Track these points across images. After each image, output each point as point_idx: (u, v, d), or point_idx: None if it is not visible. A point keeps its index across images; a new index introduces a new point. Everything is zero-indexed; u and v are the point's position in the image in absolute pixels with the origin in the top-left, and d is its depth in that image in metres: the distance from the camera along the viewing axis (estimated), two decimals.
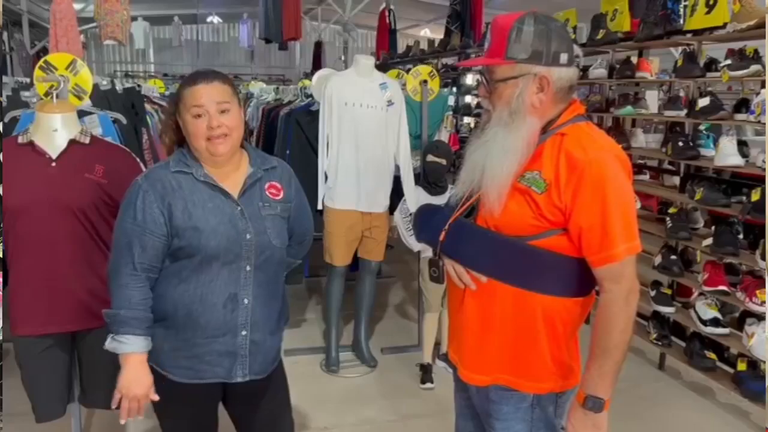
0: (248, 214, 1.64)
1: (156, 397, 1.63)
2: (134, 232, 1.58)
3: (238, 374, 1.67)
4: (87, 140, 2.05)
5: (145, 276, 1.60)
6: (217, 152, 1.60)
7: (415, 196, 3.31)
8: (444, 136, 4.32)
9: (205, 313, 1.61)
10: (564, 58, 1.42)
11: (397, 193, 3.43)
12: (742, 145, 3.39)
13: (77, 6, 7.02)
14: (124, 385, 1.60)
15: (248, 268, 1.63)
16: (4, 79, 3.92)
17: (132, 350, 1.59)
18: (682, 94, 4.12)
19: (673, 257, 3.46)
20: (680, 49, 3.63)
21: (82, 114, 2.35)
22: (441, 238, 1.54)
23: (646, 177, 4.40)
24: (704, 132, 3.56)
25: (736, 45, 3.45)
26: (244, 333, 1.65)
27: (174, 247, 1.60)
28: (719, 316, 3.20)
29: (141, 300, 1.59)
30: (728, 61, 3.27)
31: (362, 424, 2.96)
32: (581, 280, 1.45)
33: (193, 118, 1.58)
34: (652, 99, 4.10)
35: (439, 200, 3.12)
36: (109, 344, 1.60)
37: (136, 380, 1.60)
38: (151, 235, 1.58)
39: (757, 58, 3.16)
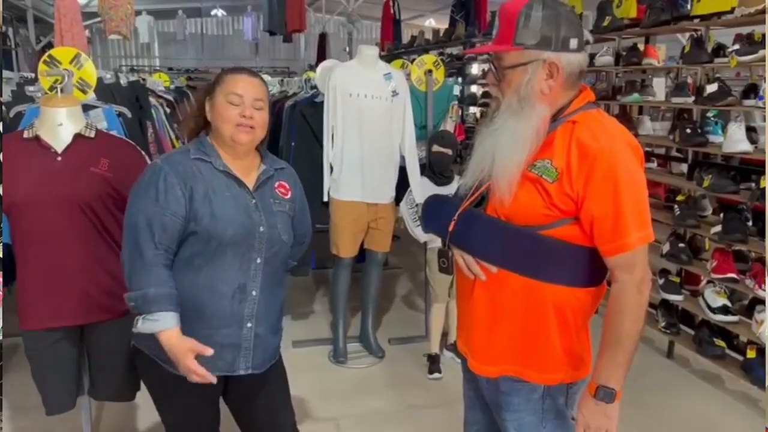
0: (262, 207, 1.67)
1: (209, 351, 1.56)
2: (155, 212, 1.57)
3: (240, 367, 1.68)
4: (92, 134, 2.05)
5: (166, 256, 1.59)
6: (240, 140, 1.62)
7: (420, 187, 3.30)
8: (449, 126, 4.30)
9: (212, 303, 1.62)
10: (574, 43, 1.40)
11: (402, 184, 3.42)
12: (751, 132, 3.36)
13: (81, 1, 7.01)
14: (177, 364, 1.56)
15: (258, 260, 1.65)
16: (10, 74, 3.93)
17: (167, 326, 1.55)
18: (689, 80, 4.07)
19: (681, 245, 3.44)
20: (687, 35, 3.60)
21: (86, 108, 2.36)
22: (450, 228, 1.53)
23: (654, 165, 4.37)
24: (712, 119, 3.52)
25: (744, 30, 3.41)
26: (249, 325, 1.66)
27: (188, 231, 1.59)
28: (728, 303, 3.18)
29: (168, 277, 1.58)
30: (736, 47, 3.23)
31: (370, 415, 2.96)
32: (593, 270, 1.44)
33: (228, 103, 1.61)
34: (660, 86, 4.04)
35: (445, 191, 3.11)
36: (142, 326, 1.55)
37: (181, 356, 1.54)
38: (173, 216, 1.57)
39: (765, 42, 3.12)
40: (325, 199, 3.32)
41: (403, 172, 3.41)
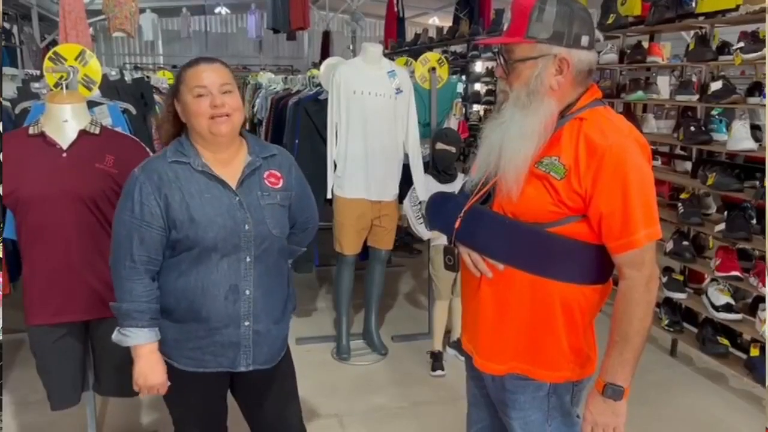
0: (247, 204, 1.62)
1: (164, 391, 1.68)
2: (132, 224, 1.57)
3: (241, 364, 1.68)
4: (97, 130, 2.06)
5: (144, 269, 1.59)
6: (219, 132, 1.58)
7: (424, 184, 3.31)
8: (453, 123, 4.29)
9: (206, 305, 1.61)
10: (585, 40, 1.40)
11: (406, 182, 3.43)
12: (756, 130, 3.35)
13: None
14: (139, 375, 1.63)
15: (248, 259, 1.62)
16: (15, 71, 3.94)
17: (137, 343, 1.61)
18: (694, 78, 4.07)
19: (685, 243, 3.44)
20: (692, 32, 3.59)
21: (91, 104, 2.36)
22: (456, 225, 1.52)
23: (658, 163, 4.37)
24: (717, 116, 3.51)
25: (749, 27, 3.40)
26: (246, 324, 1.65)
27: (172, 239, 1.59)
28: (732, 301, 3.18)
29: (143, 292, 1.59)
30: (741, 44, 3.23)
31: (373, 412, 2.97)
32: (600, 267, 1.44)
33: (195, 98, 1.57)
34: (664, 84, 4.04)
35: (449, 188, 3.11)
36: (115, 337, 1.63)
37: (150, 370, 1.63)
38: (148, 227, 1.57)
39: (767, 42, 3.12)
40: (329, 196, 3.33)
41: (406, 169, 3.42)
